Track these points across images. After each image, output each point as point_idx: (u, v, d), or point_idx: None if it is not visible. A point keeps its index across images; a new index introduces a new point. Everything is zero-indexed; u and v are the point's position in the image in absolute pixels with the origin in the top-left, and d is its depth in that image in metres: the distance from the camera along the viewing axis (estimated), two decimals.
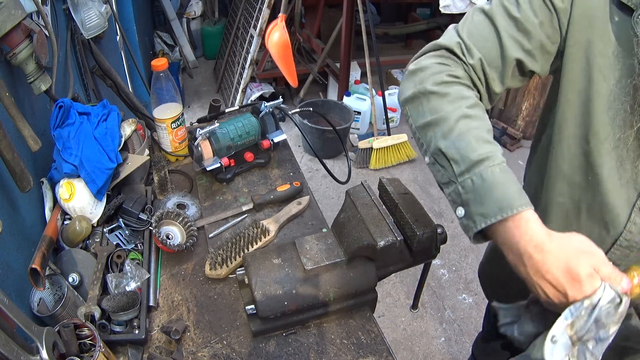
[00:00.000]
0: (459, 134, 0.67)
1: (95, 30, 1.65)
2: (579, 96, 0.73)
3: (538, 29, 0.72)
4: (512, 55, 0.74)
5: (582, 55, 0.72)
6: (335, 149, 3.34)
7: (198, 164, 1.28)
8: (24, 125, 0.95)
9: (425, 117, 0.72)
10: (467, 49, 0.76)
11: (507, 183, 0.63)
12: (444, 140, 0.68)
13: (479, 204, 0.63)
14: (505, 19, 0.74)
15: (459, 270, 2.53)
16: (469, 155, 0.65)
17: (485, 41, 0.75)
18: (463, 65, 0.76)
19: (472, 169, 0.64)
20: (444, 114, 0.70)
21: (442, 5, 3.06)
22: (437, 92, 0.72)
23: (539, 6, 0.72)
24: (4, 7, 0.91)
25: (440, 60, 0.77)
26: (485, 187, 0.63)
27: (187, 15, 4.29)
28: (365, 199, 0.96)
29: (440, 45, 0.79)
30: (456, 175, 0.66)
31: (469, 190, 0.64)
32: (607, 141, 0.72)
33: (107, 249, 1.06)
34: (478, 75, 0.76)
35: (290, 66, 2.48)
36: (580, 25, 0.71)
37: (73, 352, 0.79)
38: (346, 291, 0.94)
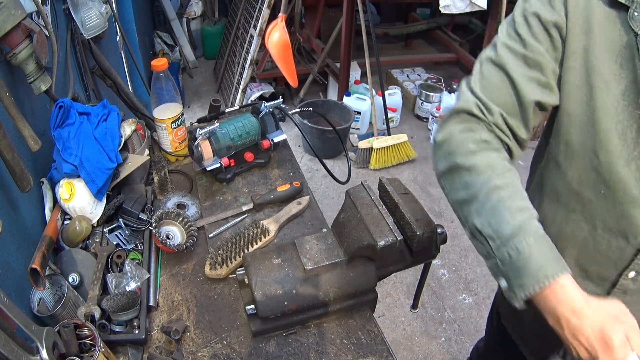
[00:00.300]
0: (491, 209, 0.68)
1: (95, 30, 1.65)
2: (582, 108, 0.71)
3: (547, 56, 0.72)
4: (530, 100, 0.73)
5: (581, 64, 0.70)
6: (335, 149, 3.34)
7: (198, 164, 1.28)
8: (24, 125, 0.95)
9: (459, 194, 0.74)
10: (485, 107, 0.75)
11: (542, 251, 0.65)
12: (478, 217, 0.70)
13: (518, 277, 0.65)
14: (514, 60, 0.73)
15: (459, 270, 2.53)
16: (502, 230, 0.67)
17: (500, 92, 0.75)
18: (486, 125, 0.76)
19: (507, 243, 0.66)
20: (475, 191, 0.71)
21: (442, 5, 3.06)
22: (466, 167, 0.73)
23: (540, 32, 0.71)
24: (4, 7, 0.91)
25: (463, 127, 0.77)
26: (522, 259, 0.65)
27: (187, 15, 4.29)
28: (365, 199, 0.96)
29: (459, 110, 0.78)
30: (493, 250, 0.68)
31: (507, 264, 0.66)
32: (619, 153, 0.69)
33: (107, 249, 1.06)
34: (502, 129, 0.76)
35: (290, 66, 2.48)
36: (576, 35, 0.69)
37: (73, 352, 0.79)
38: (346, 291, 0.94)
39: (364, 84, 3.67)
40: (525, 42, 0.72)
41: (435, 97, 3.72)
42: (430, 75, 4.16)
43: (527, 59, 0.73)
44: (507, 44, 0.75)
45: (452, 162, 0.75)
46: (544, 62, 0.72)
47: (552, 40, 0.71)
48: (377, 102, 3.31)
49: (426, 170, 3.28)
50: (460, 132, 0.76)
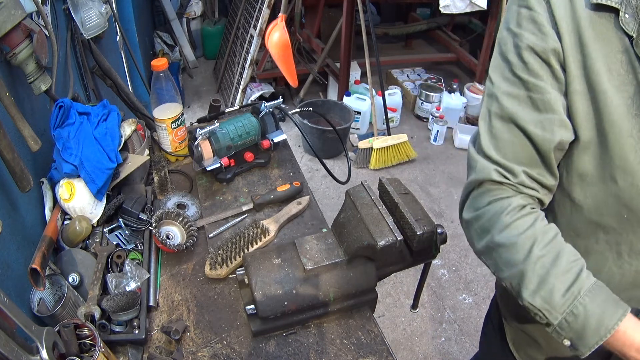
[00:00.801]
0: (539, 282, 0.67)
1: (95, 30, 1.65)
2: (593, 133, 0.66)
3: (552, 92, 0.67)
4: (549, 148, 0.69)
5: (583, 85, 0.65)
6: (335, 149, 3.34)
7: (198, 164, 1.28)
8: (24, 125, 0.95)
9: (504, 272, 0.72)
10: (507, 171, 0.71)
11: (598, 305, 0.65)
12: (527, 292, 0.68)
13: (580, 338, 0.66)
14: (521, 109, 0.69)
15: (459, 270, 2.53)
16: (554, 300, 0.66)
17: (517, 149, 0.70)
18: (511, 188, 0.72)
19: (562, 311, 0.66)
20: (519, 268, 0.69)
21: (442, 5, 3.07)
22: (505, 244, 0.70)
23: (539, 67, 0.67)
24: (4, 7, 0.91)
25: (490, 198, 0.73)
26: (580, 322, 0.65)
27: (187, 15, 4.29)
28: (365, 199, 0.96)
29: (480, 181, 0.74)
30: (550, 320, 0.67)
31: (566, 329, 0.66)
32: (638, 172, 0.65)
33: (107, 249, 1.06)
34: (530, 186, 0.72)
35: (290, 66, 2.48)
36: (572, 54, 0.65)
37: (73, 352, 0.79)
38: (346, 291, 0.94)
39: (364, 84, 3.67)
40: (527, 83, 0.68)
41: (435, 97, 3.72)
42: (430, 75, 4.16)
43: (534, 102, 0.68)
44: (509, 91, 0.70)
45: (489, 241, 0.73)
46: (551, 99, 0.67)
47: (553, 70, 0.66)
48: (377, 102, 3.31)
49: (426, 170, 3.28)
50: (489, 205, 0.73)
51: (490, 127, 0.73)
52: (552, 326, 0.68)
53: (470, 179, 0.76)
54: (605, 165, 0.67)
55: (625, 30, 0.62)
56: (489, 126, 0.73)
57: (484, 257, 0.76)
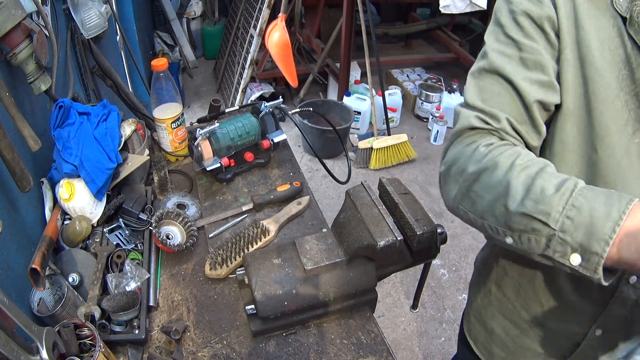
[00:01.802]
0: (526, 188, 0.60)
1: (95, 30, 1.65)
2: (578, 100, 0.68)
3: (545, 54, 0.68)
4: (532, 98, 0.68)
5: (574, 57, 0.67)
6: (335, 149, 3.34)
7: (198, 164, 1.28)
8: (24, 125, 0.95)
9: (485, 199, 0.64)
10: (489, 116, 0.70)
11: (601, 193, 0.57)
12: (517, 204, 0.60)
13: (590, 234, 0.55)
14: (510, 63, 0.69)
15: (459, 270, 2.53)
16: (548, 197, 0.58)
17: (503, 99, 0.69)
18: (491, 133, 0.70)
19: (561, 207, 0.57)
20: (503, 182, 0.62)
21: (442, 5, 3.07)
22: (484, 168, 0.65)
23: (533, 30, 0.68)
24: (4, 7, 0.91)
25: (467, 142, 0.71)
26: (584, 213, 0.55)
27: (187, 15, 4.29)
28: (365, 199, 0.96)
29: (459, 130, 0.73)
30: (549, 225, 0.57)
31: (570, 229, 0.56)
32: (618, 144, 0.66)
33: (107, 249, 1.06)
34: (512, 135, 0.70)
35: (290, 66, 2.48)
36: (567, 27, 0.67)
37: (73, 352, 0.79)
38: (346, 291, 0.94)
39: (364, 84, 3.67)
40: (520, 43, 0.68)
41: (435, 97, 3.72)
42: (430, 75, 4.16)
43: (524, 61, 0.68)
44: (501, 50, 0.70)
45: (467, 176, 0.67)
46: (543, 60, 0.68)
47: (547, 37, 0.68)
48: (377, 102, 3.31)
49: (426, 170, 3.28)
50: (465, 147, 0.70)
51: (477, 81, 0.72)
52: (554, 237, 0.57)
53: (453, 131, 0.74)
54: (587, 133, 0.68)
55: (617, 11, 0.64)
56: (476, 80, 0.73)
57: (462, 201, 0.68)
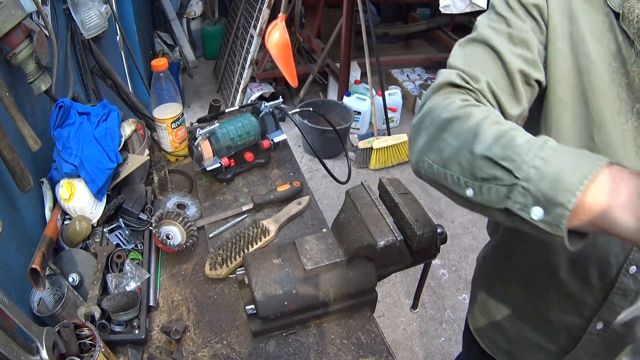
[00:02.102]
0: (498, 135, 0.57)
1: (95, 30, 1.65)
2: (573, 91, 0.70)
3: (532, 35, 0.70)
4: (516, 68, 0.68)
5: (568, 49, 0.69)
6: (335, 149, 3.34)
7: (198, 164, 1.28)
8: (24, 125, 0.95)
9: (452, 145, 0.61)
10: (469, 76, 0.69)
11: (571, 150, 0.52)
12: (484, 149, 0.56)
13: (556, 182, 0.49)
14: (499, 37, 0.70)
15: (459, 270, 2.53)
16: (517, 145, 0.54)
17: (485, 64, 0.70)
18: (470, 93, 0.69)
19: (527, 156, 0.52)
20: (473, 129, 0.59)
21: (442, 5, 3.07)
22: (457, 117, 0.62)
23: (523, 13, 0.70)
24: (4, 7, 0.91)
25: (444, 96, 0.68)
26: (551, 165, 0.51)
27: (187, 15, 4.29)
28: (365, 199, 0.96)
29: (438, 85, 0.71)
30: (513, 172, 0.53)
31: (535, 180, 0.51)
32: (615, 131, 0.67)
33: (107, 249, 1.06)
34: (488, 99, 0.69)
35: (290, 66, 2.48)
36: (559, 20, 0.69)
37: (73, 352, 0.79)
38: (346, 291, 0.94)
39: (364, 84, 3.67)
40: (509, 20, 0.70)
41: None
42: (430, 75, 4.16)
43: (512, 37, 0.69)
44: (490, 24, 0.71)
45: (438, 124, 0.64)
46: (529, 39, 0.69)
47: (536, 21, 0.70)
48: (377, 102, 3.31)
49: None
50: (442, 99, 0.67)
51: (463, 49, 0.73)
52: (516, 187, 0.52)
53: (431, 86, 0.72)
54: (584, 122, 0.69)
55: (610, 7, 0.66)
56: (463, 48, 0.73)
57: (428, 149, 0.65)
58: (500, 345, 1.02)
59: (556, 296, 0.84)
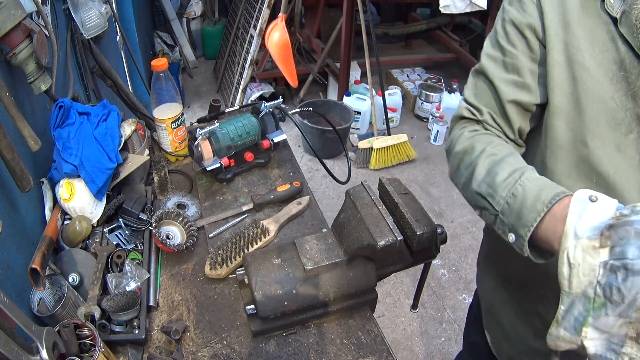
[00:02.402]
0: (487, 172, 0.71)
1: (95, 30, 1.65)
2: (567, 99, 0.72)
3: (522, 59, 0.76)
4: (506, 99, 0.78)
5: (563, 58, 0.72)
6: (335, 149, 3.34)
7: (198, 164, 1.28)
8: (24, 125, 0.95)
9: (464, 177, 0.77)
10: (475, 109, 0.83)
11: (537, 185, 0.64)
12: (476, 185, 0.72)
13: (519, 219, 0.64)
14: (494, 66, 0.80)
15: (459, 270, 2.53)
16: (497, 184, 0.68)
17: (486, 96, 0.82)
18: (477, 123, 0.83)
19: (503, 193, 0.67)
20: (473, 164, 0.74)
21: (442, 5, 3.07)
22: (465, 150, 0.78)
23: (515, 37, 0.77)
24: (4, 7, 0.91)
25: (460, 127, 0.85)
26: (519, 201, 0.64)
27: (187, 15, 4.29)
28: (365, 199, 0.96)
29: (455, 118, 0.88)
30: (494, 206, 0.68)
31: (507, 213, 0.66)
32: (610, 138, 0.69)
33: (107, 249, 1.06)
34: (493, 126, 0.81)
35: (290, 66, 2.48)
36: (555, 31, 0.72)
37: (73, 352, 0.79)
38: (346, 291, 0.94)
39: (364, 84, 3.67)
40: (504, 49, 0.79)
41: (435, 97, 3.72)
42: (430, 75, 4.16)
43: (505, 64, 0.79)
44: (489, 53, 0.82)
45: (454, 156, 0.80)
46: (519, 64, 0.77)
47: (528, 41, 0.76)
48: (377, 102, 3.31)
49: (426, 170, 3.28)
50: (458, 131, 0.84)
51: (473, 80, 0.86)
52: (497, 217, 0.68)
53: (452, 118, 0.90)
54: (577, 129, 0.73)
55: (608, 13, 0.67)
56: (473, 79, 0.86)
57: (454, 177, 0.81)
58: (504, 349, 1.02)
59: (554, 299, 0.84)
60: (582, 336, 0.52)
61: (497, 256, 0.99)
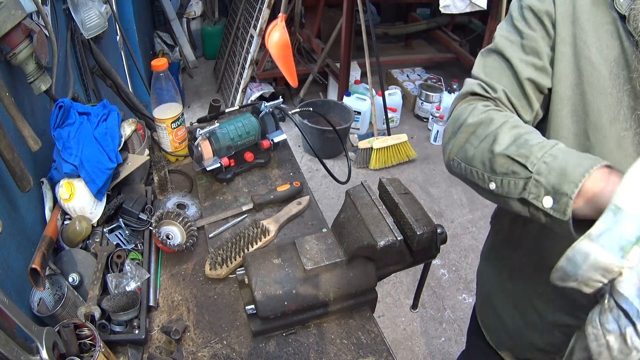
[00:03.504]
0: (514, 139, 0.66)
1: (95, 30, 1.65)
2: (572, 90, 0.73)
3: (541, 42, 0.75)
4: (525, 76, 0.76)
5: (570, 51, 0.72)
6: (335, 149, 3.34)
7: (198, 164, 1.28)
8: (24, 125, 0.95)
9: (477, 147, 0.71)
10: (488, 86, 0.79)
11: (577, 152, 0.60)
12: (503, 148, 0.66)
13: (563, 175, 0.58)
14: (511, 47, 0.78)
15: (459, 270, 2.53)
16: (530, 145, 0.63)
17: (501, 74, 0.79)
18: (490, 100, 0.79)
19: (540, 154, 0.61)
20: (494, 133, 0.69)
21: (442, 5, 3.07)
22: (481, 122, 0.72)
23: (534, 22, 0.76)
24: (4, 7, 0.91)
25: (468, 103, 0.79)
26: (559, 161, 0.59)
27: (187, 15, 4.29)
28: (365, 199, 0.96)
29: (462, 94, 0.82)
30: (527, 167, 0.61)
31: (545, 173, 0.60)
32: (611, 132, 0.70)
33: (107, 249, 1.06)
34: (506, 105, 0.78)
35: (290, 66, 2.48)
36: (564, 23, 0.73)
37: (73, 352, 0.79)
38: (346, 291, 0.94)
39: (364, 84, 3.67)
40: (522, 32, 0.77)
41: (435, 97, 3.72)
42: (430, 75, 4.16)
43: (524, 47, 0.77)
44: (505, 35, 0.80)
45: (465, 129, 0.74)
46: (539, 48, 0.76)
47: (545, 28, 0.75)
48: (377, 102, 3.31)
49: (426, 170, 3.28)
50: (467, 106, 0.78)
51: (484, 59, 0.83)
52: (530, 180, 0.61)
53: (456, 95, 0.84)
54: (582, 121, 0.72)
55: (616, 9, 0.67)
56: (482, 58, 0.83)
57: (458, 154, 0.74)
58: (503, 341, 1.02)
59: (552, 294, 0.85)
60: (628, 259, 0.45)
61: (503, 246, 0.99)
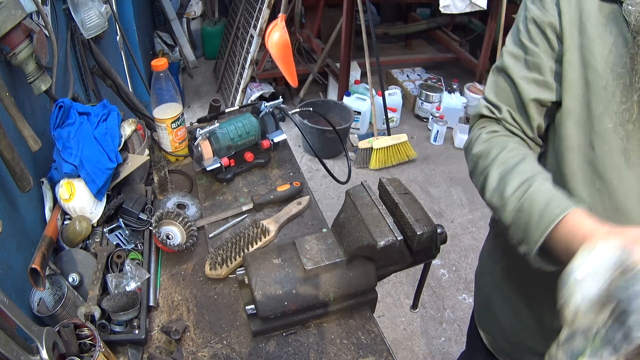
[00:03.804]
0: (499, 180, 0.72)
1: (95, 30, 1.65)
2: (579, 101, 0.73)
3: (543, 57, 0.76)
4: (529, 97, 0.78)
5: (577, 60, 0.72)
6: (335, 149, 3.34)
7: (198, 164, 1.28)
8: (24, 125, 0.95)
9: (479, 183, 0.78)
10: (494, 107, 0.83)
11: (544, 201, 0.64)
12: (489, 193, 0.73)
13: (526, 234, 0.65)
14: (515, 64, 0.80)
15: (459, 270, 2.53)
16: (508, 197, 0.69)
17: (506, 94, 0.82)
18: (495, 121, 0.84)
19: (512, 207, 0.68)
20: (487, 170, 0.75)
21: (442, 5, 3.07)
22: (481, 154, 0.78)
23: (537, 35, 0.77)
24: (4, 7, 0.91)
25: (479, 126, 0.85)
26: (525, 216, 0.65)
27: (187, 15, 4.29)
28: (365, 199, 0.96)
29: (474, 116, 0.88)
30: (503, 219, 0.69)
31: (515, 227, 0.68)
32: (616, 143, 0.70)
33: (107, 249, 1.06)
34: (512, 125, 0.82)
35: (290, 66, 2.48)
36: (571, 32, 0.72)
37: (73, 352, 0.79)
38: (346, 291, 0.94)
39: (364, 84, 3.67)
40: (526, 47, 0.79)
41: (435, 97, 3.72)
42: (430, 75, 4.16)
43: (527, 63, 0.78)
44: (511, 51, 0.82)
45: (472, 157, 0.81)
46: (541, 62, 0.77)
47: (549, 40, 0.76)
48: (377, 102, 3.31)
49: (426, 170, 3.28)
50: (477, 131, 0.84)
51: (494, 77, 0.86)
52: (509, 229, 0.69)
53: (472, 115, 0.90)
54: (587, 132, 0.73)
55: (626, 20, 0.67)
56: (493, 77, 0.86)
57: (473, 177, 0.82)
58: (501, 345, 1.02)
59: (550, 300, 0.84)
60: None
61: (501, 250, 0.99)
